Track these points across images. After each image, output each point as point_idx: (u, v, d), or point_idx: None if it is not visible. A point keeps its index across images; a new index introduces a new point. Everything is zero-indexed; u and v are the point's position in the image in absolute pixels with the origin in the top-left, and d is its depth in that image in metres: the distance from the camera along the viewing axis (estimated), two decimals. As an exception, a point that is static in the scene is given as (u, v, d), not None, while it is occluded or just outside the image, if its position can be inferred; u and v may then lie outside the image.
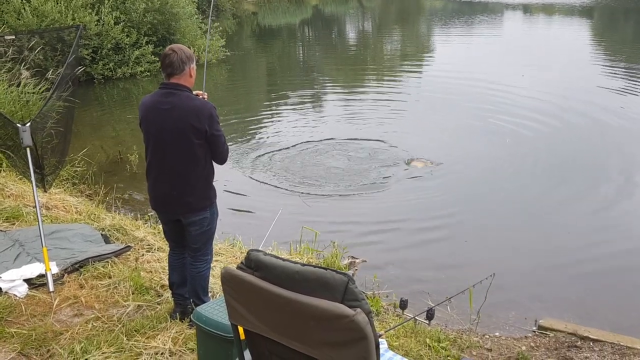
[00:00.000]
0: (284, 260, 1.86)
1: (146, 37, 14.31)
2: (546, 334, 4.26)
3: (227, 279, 1.96)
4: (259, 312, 1.92)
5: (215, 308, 2.66)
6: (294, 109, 11.44)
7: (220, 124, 3.36)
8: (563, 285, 5.22)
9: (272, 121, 10.59)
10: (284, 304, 1.80)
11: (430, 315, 4.13)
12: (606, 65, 14.78)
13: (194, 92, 3.48)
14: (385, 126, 9.67)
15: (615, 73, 13.70)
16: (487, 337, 4.25)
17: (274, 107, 11.74)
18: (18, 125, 4.10)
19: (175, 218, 3.47)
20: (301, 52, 21.68)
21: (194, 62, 3.34)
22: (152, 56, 14.25)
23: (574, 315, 4.63)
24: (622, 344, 4.01)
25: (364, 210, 6.62)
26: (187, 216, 3.39)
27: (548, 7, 31.80)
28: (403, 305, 4.27)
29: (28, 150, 4.09)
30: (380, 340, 2.75)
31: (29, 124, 4.12)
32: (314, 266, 1.81)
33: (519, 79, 12.75)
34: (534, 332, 4.36)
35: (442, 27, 25.32)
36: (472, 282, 4.36)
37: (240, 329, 2.06)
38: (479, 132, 9.41)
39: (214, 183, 3.49)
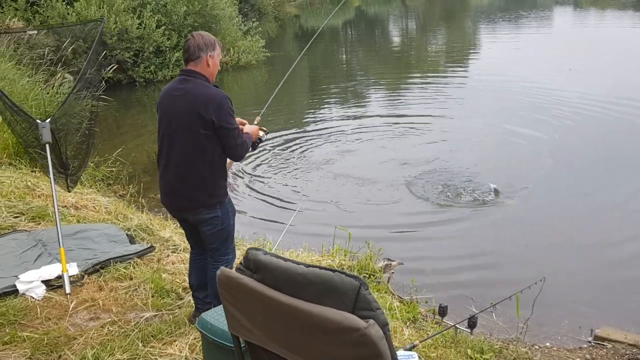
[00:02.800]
0: (286, 260, 1.58)
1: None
2: (603, 345, 3.85)
3: (224, 282, 1.69)
4: (258, 320, 1.64)
5: (222, 314, 2.39)
6: (338, 110, 11.14)
7: (234, 116, 3.11)
8: (622, 291, 4.75)
9: (315, 122, 10.34)
10: (284, 311, 1.52)
11: (472, 323, 3.78)
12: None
13: (237, 120, 3.30)
14: (437, 135, 9.00)
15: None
16: (537, 347, 3.87)
17: (316, 108, 11.51)
18: (38, 121, 4.00)
19: (183, 217, 3.26)
20: (344, 53, 21.41)
21: (215, 52, 3.12)
22: (193, 58, 14.25)
23: (634, 325, 4.18)
24: (692, 358, 3.56)
25: (400, 211, 6.27)
26: (193, 213, 3.16)
27: (599, 0, 30.49)
28: (442, 312, 3.93)
29: (47, 146, 3.98)
30: (410, 353, 2.44)
31: (48, 121, 4.01)
32: (321, 267, 1.52)
33: (572, 78, 12.02)
34: (590, 342, 3.95)
35: (489, 25, 24.57)
36: (519, 287, 3.97)
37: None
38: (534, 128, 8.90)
39: (225, 181, 3.25)
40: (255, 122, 3.62)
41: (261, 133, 3.54)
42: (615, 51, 14.99)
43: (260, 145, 3.63)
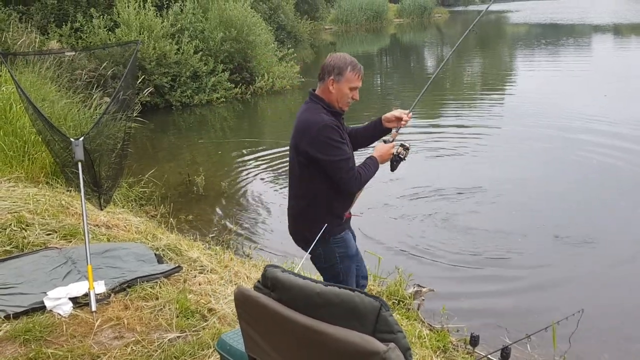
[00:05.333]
0: (304, 278, 1.52)
1: (222, 65, 14.60)
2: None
3: (241, 300, 1.64)
4: (274, 341, 1.58)
5: (241, 336, 2.33)
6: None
7: (339, 147, 2.88)
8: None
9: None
10: (300, 332, 1.45)
11: (505, 354, 3.60)
12: None
13: (397, 110, 3.19)
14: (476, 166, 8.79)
15: None
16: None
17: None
18: (71, 139, 4.06)
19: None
20: (379, 79, 21.43)
21: (342, 76, 2.90)
22: (228, 83, 14.50)
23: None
24: None
25: (432, 236, 6.13)
26: (301, 246, 3.15)
27: (639, 27, 29.91)
28: (474, 341, 3.75)
29: (80, 164, 4.03)
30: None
31: (81, 139, 4.07)
32: (340, 287, 1.45)
33: (609, 108, 11.62)
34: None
35: (526, 53, 24.28)
36: (556, 318, 3.78)
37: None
38: (565, 158, 8.65)
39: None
40: (391, 139, 3.25)
41: (399, 150, 3.15)
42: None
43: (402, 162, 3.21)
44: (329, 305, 1.42)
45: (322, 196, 2.97)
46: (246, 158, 9.69)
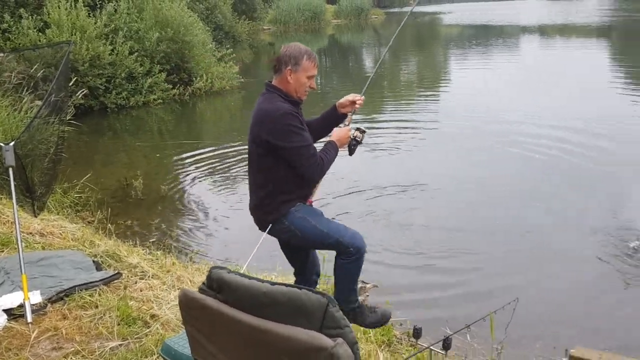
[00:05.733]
0: (250, 278, 1.53)
1: (159, 66, 14.30)
2: (578, 365, 3.81)
3: (185, 303, 1.63)
4: (221, 343, 1.58)
5: (187, 340, 2.30)
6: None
7: (299, 133, 2.89)
8: (594, 311, 4.78)
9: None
10: (247, 333, 1.46)
11: (447, 344, 3.70)
12: (627, 90, 14.20)
13: (350, 95, 3.23)
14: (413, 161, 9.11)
15: (632, 98, 13.02)
16: (513, 371, 3.83)
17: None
18: (1, 144, 3.89)
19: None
20: (318, 79, 21.55)
21: (299, 66, 2.91)
22: (166, 84, 14.22)
23: (609, 344, 4.17)
24: (666, 375, 3.55)
25: (373, 232, 6.23)
26: (270, 232, 3.12)
27: (564, 28, 31.42)
28: (417, 334, 3.84)
29: (10, 170, 3.86)
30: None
31: (12, 144, 3.90)
32: (287, 285, 1.47)
33: (536, 106, 12.15)
34: (564, 364, 3.92)
35: (459, 53, 25.05)
36: (494, 308, 3.94)
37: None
38: (504, 157, 8.99)
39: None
40: (347, 123, 3.26)
41: (355, 133, 3.18)
42: (580, 78, 15.35)
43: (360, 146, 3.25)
44: (275, 304, 1.44)
45: (282, 184, 2.97)
46: (186, 160, 9.54)
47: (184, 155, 9.79)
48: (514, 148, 9.13)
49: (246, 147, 3.12)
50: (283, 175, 2.95)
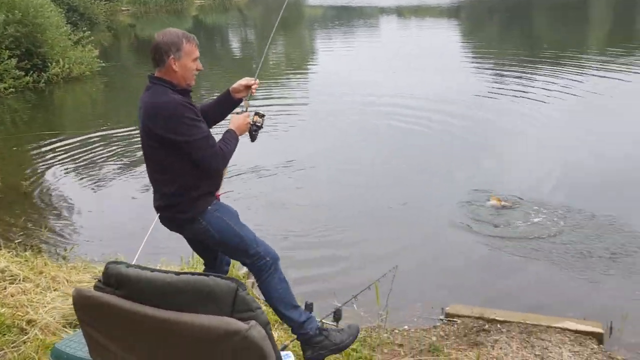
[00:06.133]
0: (153, 270, 1.49)
1: (8, 51, 13.02)
2: (454, 321, 4.17)
3: (81, 303, 1.54)
4: (125, 340, 1.52)
5: (77, 341, 2.19)
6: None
7: (196, 124, 2.74)
8: (465, 271, 5.20)
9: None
10: (154, 326, 1.42)
11: (337, 316, 3.86)
12: (474, 65, 15.42)
13: (243, 79, 3.07)
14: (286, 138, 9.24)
15: (481, 73, 14.21)
16: (397, 331, 4.09)
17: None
18: None
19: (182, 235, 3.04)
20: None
21: (180, 51, 2.74)
22: (17, 71, 13.00)
23: (478, 300, 4.59)
24: (528, 322, 4.00)
25: (255, 213, 6.24)
26: (179, 229, 2.95)
27: (418, 9, 33.18)
28: (308, 309, 3.96)
29: None
30: (285, 353, 2.43)
31: None
32: (193, 273, 1.45)
33: (395, 83, 12.80)
34: (442, 320, 4.26)
35: (323, 34, 25.57)
36: (376, 277, 4.17)
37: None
38: (366, 133, 9.39)
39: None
40: (245, 109, 3.16)
41: (255, 118, 3.09)
42: (434, 56, 16.40)
43: (261, 131, 3.15)
44: (182, 294, 1.41)
45: (190, 180, 2.82)
46: (47, 153, 8.85)
47: (45, 148, 9.07)
48: (383, 123, 9.60)
49: (113, 132, 2.99)
50: (189, 170, 2.80)
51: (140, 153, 8.46)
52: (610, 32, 22.12)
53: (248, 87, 3.15)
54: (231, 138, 2.95)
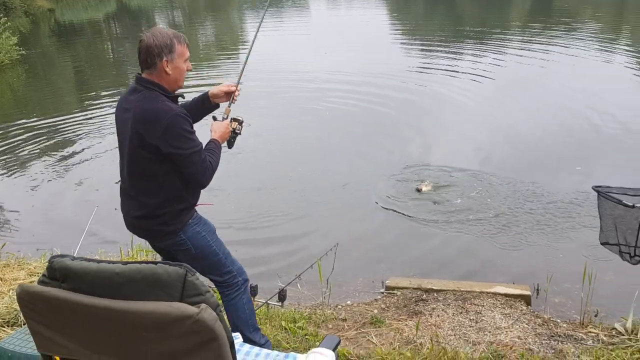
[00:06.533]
0: (99, 262, 1.50)
1: None
2: (394, 293, 4.34)
3: (26, 299, 1.53)
4: (74, 333, 1.53)
5: (20, 339, 2.16)
6: (110, 106, 10.49)
7: (191, 136, 2.62)
8: (403, 245, 5.40)
9: (87, 120, 9.63)
10: (103, 316, 1.43)
11: (282, 296, 3.96)
12: (403, 43, 15.78)
13: (224, 85, 2.93)
14: None
15: (409, 50, 14.59)
16: (340, 307, 4.22)
17: (86, 106, 10.71)
18: None
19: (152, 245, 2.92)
20: (110, 47, 20.19)
21: (174, 53, 2.60)
22: None
23: (415, 272, 4.80)
24: (462, 289, 4.22)
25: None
26: (155, 240, 2.84)
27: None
28: (254, 291, 4.02)
29: None
30: (234, 334, 2.49)
31: None
32: (141, 262, 1.47)
33: (327, 63, 12.95)
34: (383, 293, 4.42)
35: (252, 15, 25.30)
36: (318, 256, 4.28)
37: (57, 358, 1.66)
38: (301, 112, 9.46)
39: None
40: (225, 116, 3.03)
41: (234, 125, 2.97)
42: (364, 34, 16.63)
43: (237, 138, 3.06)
44: (131, 283, 1.42)
45: (177, 192, 2.72)
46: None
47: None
48: (317, 103, 9.70)
49: (38, 122, 2.87)
50: (176, 182, 2.69)
51: (69, 145, 8.26)
52: (531, 9, 23.09)
53: (229, 94, 3.05)
54: (215, 149, 2.85)
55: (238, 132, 3.00)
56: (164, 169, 2.63)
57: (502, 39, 14.77)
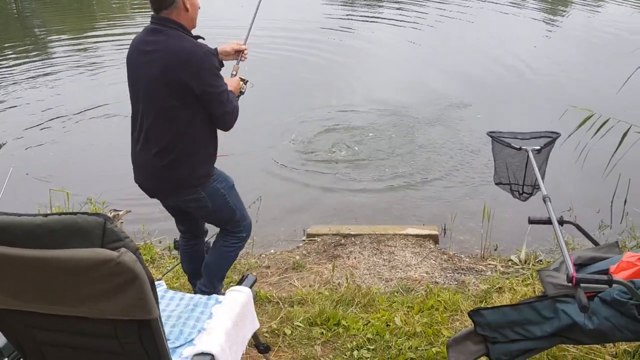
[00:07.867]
0: (20, 215, 1.58)
1: None
2: (315, 240, 4.58)
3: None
4: (3, 286, 1.62)
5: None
6: (19, 68, 9.90)
7: (221, 76, 2.60)
8: (319, 194, 5.60)
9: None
10: (27, 266, 1.53)
11: (208, 249, 4.08)
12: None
13: (234, 42, 2.95)
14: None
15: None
16: (264, 256, 4.42)
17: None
18: None
19: (162, 201, 2.88)
20: (13, 5, 18.79)
21: None
22: None
23: (334, 219, 5.05)
24: (377, 233, 4.53)
25: (112, 160, 6.08)
26: (172, 198, 2.81)
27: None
28: (177, 245, 4.13)
29: None
30: (159, 282, 2.63)
31: None
32: (61, 213, 1.57)
33: (241, 15, 12.65)
34: (304, 240, 4.65)
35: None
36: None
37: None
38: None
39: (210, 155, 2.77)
40: (234, 72, 3.00)
41: (241, 84, 2.94)
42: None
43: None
44: (52, 233, 1.49)
45: (198, 142, 2.69)
46: None
47: None
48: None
49: None
50: (199, 131, 2.67)
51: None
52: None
53: (238, 52, 3.04)
54: (234, 99, 2.80)
55: (243, 91, 3.02)
56: (191, 117, 2.61)
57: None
